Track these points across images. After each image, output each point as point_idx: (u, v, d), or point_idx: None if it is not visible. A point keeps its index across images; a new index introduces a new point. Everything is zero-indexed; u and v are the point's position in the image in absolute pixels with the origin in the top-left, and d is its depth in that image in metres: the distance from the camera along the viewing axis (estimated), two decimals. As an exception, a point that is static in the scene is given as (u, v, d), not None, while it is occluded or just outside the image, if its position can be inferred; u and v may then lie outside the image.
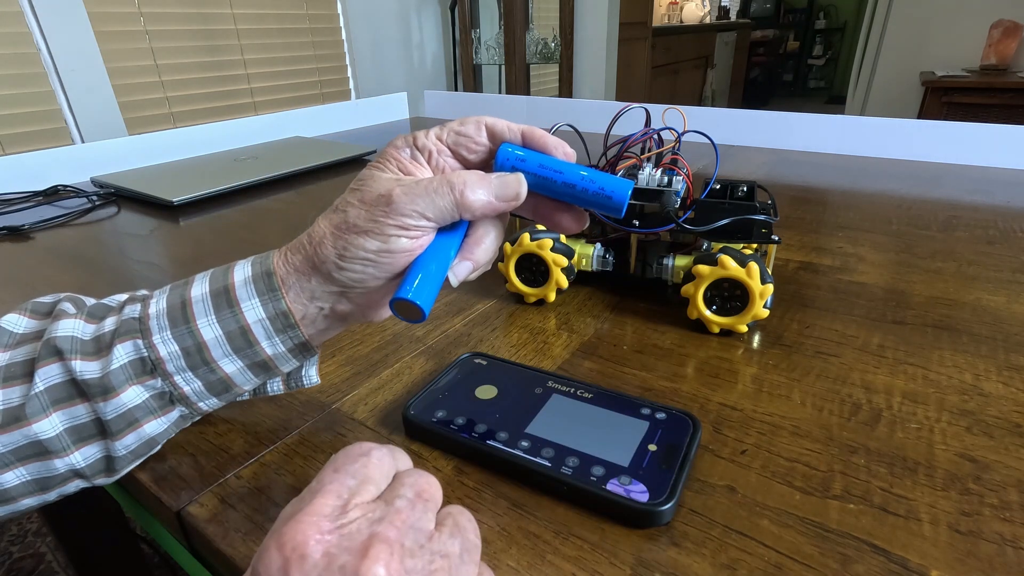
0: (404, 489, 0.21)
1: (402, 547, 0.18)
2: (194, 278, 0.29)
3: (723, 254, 0.39)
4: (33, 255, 0.62)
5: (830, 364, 0.38)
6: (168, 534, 0.33)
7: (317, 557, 0.18)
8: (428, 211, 0.26)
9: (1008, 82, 2.52)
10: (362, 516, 0.19)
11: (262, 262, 0.28)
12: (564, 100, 1.31)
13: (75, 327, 0.28)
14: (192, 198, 0.77)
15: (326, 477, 0.21)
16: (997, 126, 0.85)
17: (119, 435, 0.27)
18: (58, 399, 0.26)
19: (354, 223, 0.26)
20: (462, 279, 0.28)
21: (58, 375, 0.27)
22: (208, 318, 0.27)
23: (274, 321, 0.28)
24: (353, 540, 0.18)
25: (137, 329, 0.27)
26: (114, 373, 0.26)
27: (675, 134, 0.48)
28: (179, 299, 0.28)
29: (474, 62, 2.43)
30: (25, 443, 0.26)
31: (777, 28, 6.07)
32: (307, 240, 0.28)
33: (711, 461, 0.30)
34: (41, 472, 0.27)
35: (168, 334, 0.27)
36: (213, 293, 0.28)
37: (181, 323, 0.27)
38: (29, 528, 1.23)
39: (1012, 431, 0.31)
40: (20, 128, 1.35)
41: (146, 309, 0.28)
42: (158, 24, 1.56)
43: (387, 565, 0.17)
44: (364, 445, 0.22)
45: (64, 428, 0.27)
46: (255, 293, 0.28)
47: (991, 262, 0.52)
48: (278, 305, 0.28)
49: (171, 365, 0.27)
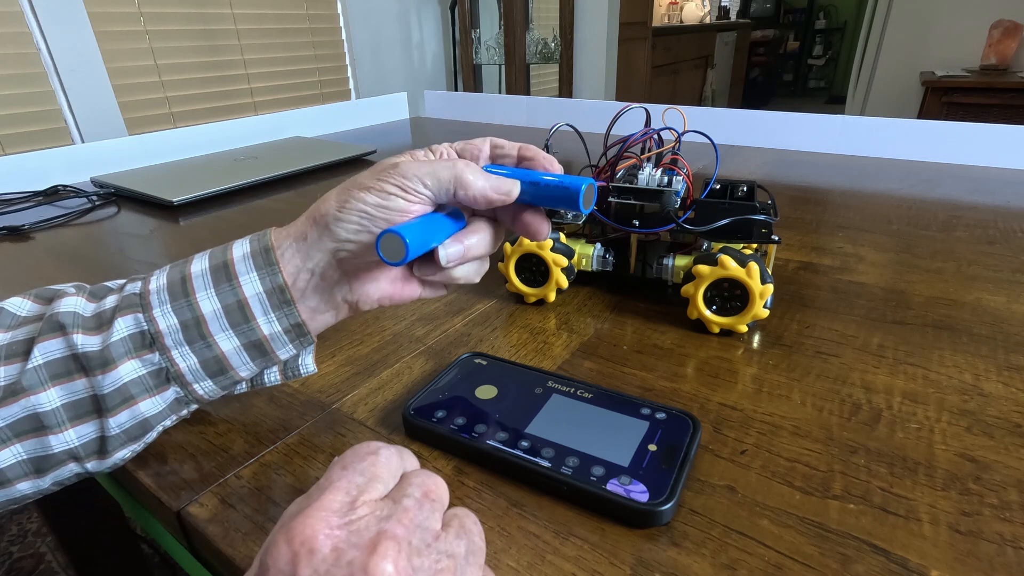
0: (412, 488, 0.21)
1: (409, 545, 0.19)
2: (194, 256, 0.30)
3: (723, 254, 0.39)
4: (33, 255, 0.62)
5: (830, 364, 0.38)
6: (168, 534, 0.33)
7: (326, 551, 0.18)
8: (428, 178, 0.28)
9: (1008, 82, 2.52)
10: (370, 513, 0.19)
11: (260, 238, 0.30)
12: (564, 100, 1.31)
13: (77, 304, 0.29)
14: (192, 198, 0.77)
15: (334, 474, 0.21)
16: (997, 126, 0.85)
17: (114, 411, 0.27)
18: (57, 374, 0.27)
19: (359, 181, 0.29)
20: (450, 260, 0.30)
21: (58, 350, 0.27)
22: (207, 291, 0.28)
23: (271, 296, 0.29)
24: (361, 536, 0.18)
25: (138, 303, 0.28)
26: (114, 345, 0.27)
27: (675, 134, 0.48)
28: (179, 275, 0.29)
29: (474, 62, 2.43)
30: (23, 415, 0.26)
31: (777, 28, 6.07)
32: (312, 206, 0.30)
33: (711, 461, 0.30)
34: (36, 450, 0.27)
35: (168, 307, 0.28)
36: (212, 268, 0.29)
37: (180, 296, 0.28)
38: (29, 528, 1.23)
39: (1012, 431, 0.31)
40: (20, 128, 1.35)
41: (147, 285, 0.29)
42: (158, 24, 1.56)
43: (395, 562, 0.18)
44: (372, 444, 0.22)
45: (61, 403, 0.27)
46: (253, 267, 0.29)
47: (991, 262, 0.52)
48: (275, 279, 0.29)
49: (169, 339, 0.28)
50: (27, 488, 0.28)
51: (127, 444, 0.29)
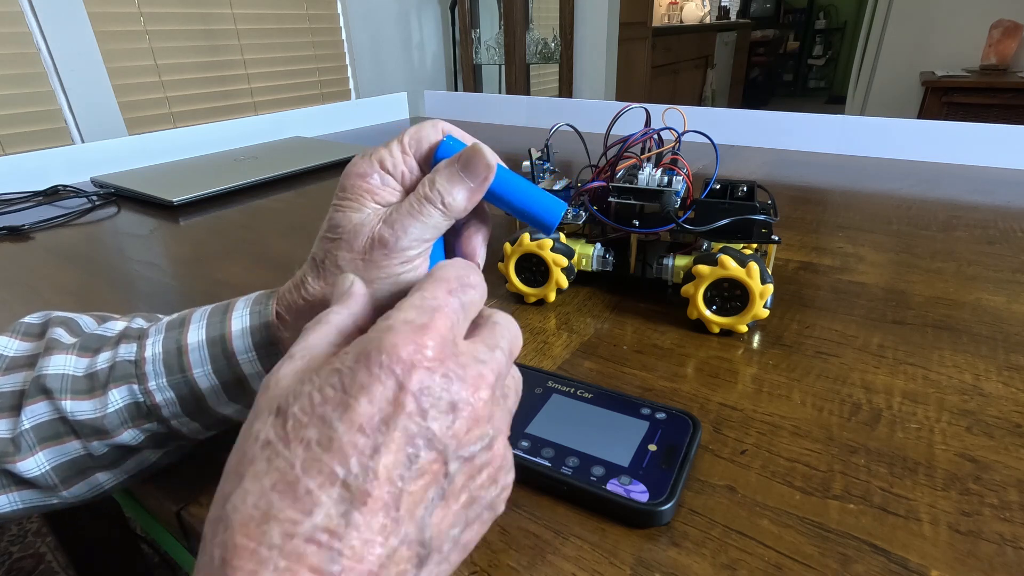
0: (503, 341, 0.21)
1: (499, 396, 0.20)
2: (191, 318, 0.28)
3: (723, 254, 0.39)
4: (33, 255, 0.62)
5: (830, 364, 0.38)
6: (168, 534, 0.33)
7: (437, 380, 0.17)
8: (426, 234, 0.25)
9: (1008, 82, 2.52)
10: (469, 353, 0.19)
11: (260, 312, 0.28)
12: (564, 100, 1.31)
13: (67, 363, 0.27)
14: (192, 198, 0.77)
15: (440, 295, 0.19)
16: (997, 126, 0.85)
17: (114, 465, 0.28)
18: (44, 437, 0.26)
19: None
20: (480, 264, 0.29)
21: (45, 413, 0.26)
22: (203, 368, 0.27)
23: None
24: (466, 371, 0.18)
25: (133, 374, 0.27)
26: (109, 417, 0.26)
27: (675, 134, 0.48)
28: (175, 344, 0.27)
29: (474, 62, 2.43)
30: (13, 478, 0.26)
31: (777, 28, 6.07)
32: (303, 294, 0.27)
33: (711, 461, 0.30)
34: (34, 501, 0.27)
35: (164, 381, 0.27)
36: (209, 341, 0.27)
37: (177, 371, 0.27)
38: (29, 528, 1.23)
39: (1012, 431, 0.31)
40: (20, 128, 1.35)
41: (142, 352, 0.27)
42: (158, 24, 1.56)
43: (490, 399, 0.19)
44: (473, 272, 0.21)
45: (51, 466, 0.26)
46: (251, 347, 0.27)
47: (991, 262, 0.52)
48: (277, 358, 0.26)
49: (167, 411, 0.27)
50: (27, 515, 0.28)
51: (126, 482, 0.29)
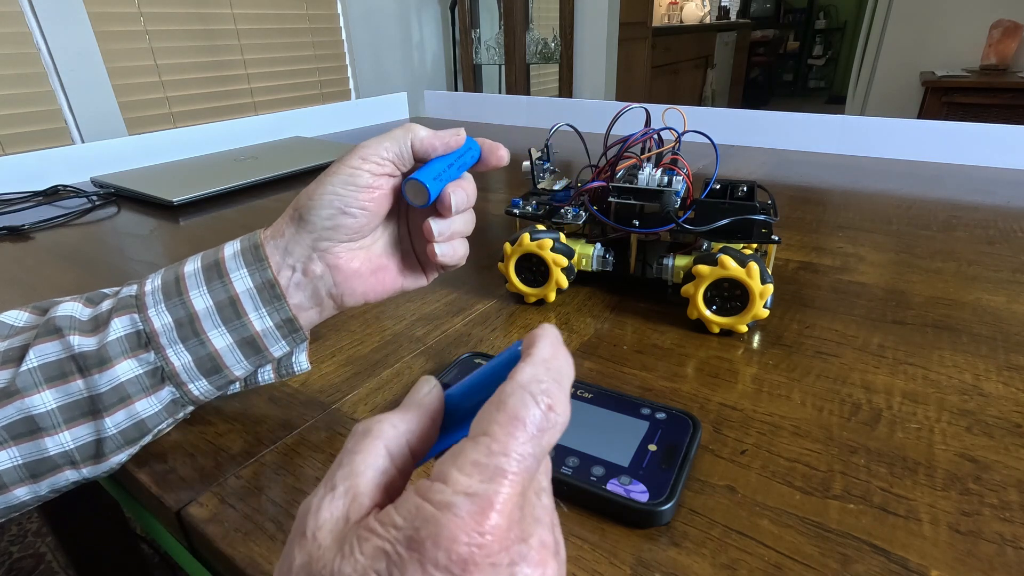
0: (545, 481, 0.17)
1: None
2: (188, 258, 0.31)
3: (723, 254, 0.39)
4: (33, 255, 0.62)
5: (830, 364, 0.38)
6: (168, 534, 0.33)
7: None
8: (386, 141, 0.30)
9: (1008, 82, 2.52)
10: (531, 516, 0.15)
11: (250, 237, 0.31)
12: (564, 100, 1.31)
13: (74, 308, 0.29)
14: (192, 198, 0.77)
15: (511, 445, 0.15)
16: (997, 126, 0.85)
17: (110, 410, 0.28)
18: (52, 376, 0.27)
19: (327, 170, 0.30)
20: (458, 207, 0.31)
21: (54, 352, 0.27)
22: (200, 290, 0.29)
23: (261, 291, 0.29)
24: None
25: (133, 304, 0.29)
26: (110, 344, 0.28)
27: (675, 134, 0.48)
28: (173, 275, 0.30)
29: (474, 62, 2.43)
30: (18, 418, 0.26)
31: (777, 28, 6.07)
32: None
33: (711, 461, 0.30)
34: (32, 454, 0.27)
35: (162, 307, 0.29)
36: (204, 267, 0.30)
37: (174, 295, 0.29)
38: (29, 528, 1.23)
39: (1012, 431, 0.31)
40: (20, 128, 1.35)
41: (142, 287, 0.30)
42: (158, 24, 1.56)
43: None
44: (561, 382, 0.17)
45: (56, 405, 0.27)
46: (243, 264, 0.30)
47: (991, 262, 0.52)
48: (264, 275, 0.29)
49: (164, 337, 0.28)
50: (24, 494, 0.28)
51: (123, 447, 0.29)
